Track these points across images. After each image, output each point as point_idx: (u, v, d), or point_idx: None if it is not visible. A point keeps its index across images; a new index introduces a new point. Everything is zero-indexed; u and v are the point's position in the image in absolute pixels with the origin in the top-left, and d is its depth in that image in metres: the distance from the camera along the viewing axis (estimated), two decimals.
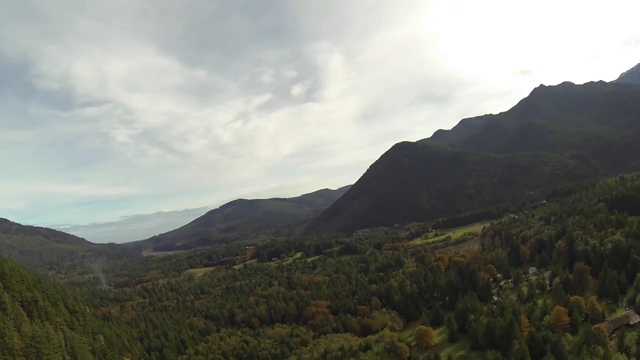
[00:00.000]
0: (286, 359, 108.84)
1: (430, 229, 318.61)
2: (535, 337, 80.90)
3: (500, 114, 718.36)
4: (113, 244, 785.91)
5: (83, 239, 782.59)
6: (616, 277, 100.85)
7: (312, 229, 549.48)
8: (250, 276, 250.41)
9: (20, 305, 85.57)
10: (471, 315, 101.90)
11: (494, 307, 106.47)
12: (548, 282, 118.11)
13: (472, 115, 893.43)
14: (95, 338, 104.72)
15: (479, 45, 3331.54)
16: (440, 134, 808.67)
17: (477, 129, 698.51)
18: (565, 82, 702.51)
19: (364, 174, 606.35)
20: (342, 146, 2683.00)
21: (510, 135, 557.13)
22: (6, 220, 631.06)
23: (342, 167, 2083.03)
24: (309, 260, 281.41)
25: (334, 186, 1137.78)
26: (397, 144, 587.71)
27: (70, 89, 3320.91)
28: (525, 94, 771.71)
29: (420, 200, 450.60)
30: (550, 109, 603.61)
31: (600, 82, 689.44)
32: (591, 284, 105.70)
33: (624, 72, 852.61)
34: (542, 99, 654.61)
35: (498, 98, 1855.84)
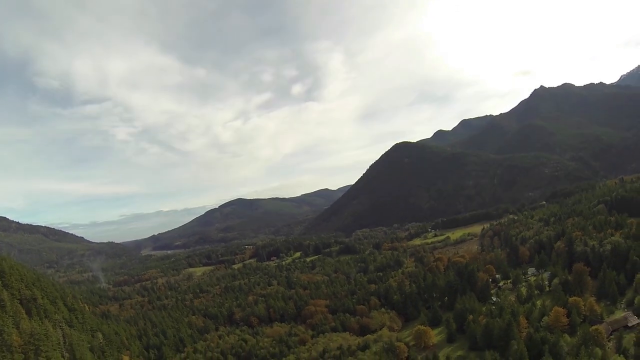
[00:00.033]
0: (284, 357, 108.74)
1: (429, 230, 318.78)
2: (533, 337, 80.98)
3: (501, 114, 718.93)
4: (112, 242, 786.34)
5: (82, 237, 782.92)
6: (615, 279, 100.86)
7: (311, 228, 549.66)
8: (249, 275, 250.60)
9: (19, 303, 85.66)
10: (470, 316, 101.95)
11: (493, 307, 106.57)
12: (547, 283, 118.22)
13: (472, 116, 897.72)
14: (93, 336, 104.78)
15: (479, 46, 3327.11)
16: (440, 134, 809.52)
17: (477, 130, 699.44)
18: (565, 83, 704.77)
19: (363, 174, 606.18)
20: (342, 146, 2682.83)
21: (510, 136, 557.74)
22: (5, 218, 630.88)
23: (341, 167, 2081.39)
24: (308, 259, 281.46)
25: (334, 186, 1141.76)
26: (397, 144, 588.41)
27: (70, 86, 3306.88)
28: (526, 95, 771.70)
29: (419, 201, 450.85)
30: (551, 110, 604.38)
31: (600, 83, 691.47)
32: (590, 286, 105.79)
33: (624, 73, 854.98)
34: (542, 100, 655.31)
35: (498, 99, 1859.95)
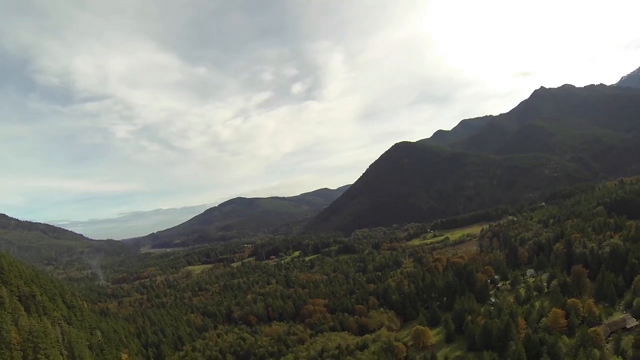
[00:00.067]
0: (283, 356, 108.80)
1: (428, 230, 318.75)
2: (532, 339, 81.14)
3: (501, 115, 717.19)
4: (111, 240, 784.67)
5: (81, 235, 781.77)
6: (614, 281, 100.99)
7: (310, 228, 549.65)
8: (248, 274, 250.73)
9: (18, 300, 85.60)
10: (468, 316, 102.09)
11: (491, 308, 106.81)
12: (545, 284, 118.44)
13: (472, 116, 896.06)
14: (92, 333, 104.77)
15: (479, 46, 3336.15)
16: (440, 134, 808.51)
17: (477, 130, 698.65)
18: (565, 84, 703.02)
19: (363, 174, 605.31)
20: (341, 145, 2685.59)
21: (510, 137, 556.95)
22: (5, 215, 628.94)
23: (341, 167, 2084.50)
24: (307, 259, 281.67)
25: (333, 185, 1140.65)
26: (397, 143, 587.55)
27: (70, 84, 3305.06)
28: (526, 95, 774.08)
29: (419, 201, 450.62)
30: (551, 111, 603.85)
31: (601, 85, 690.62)
32: (588, 287, 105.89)
33: (625, 75, 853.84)
34: (543, 101, 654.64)
35: (498, 99, 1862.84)
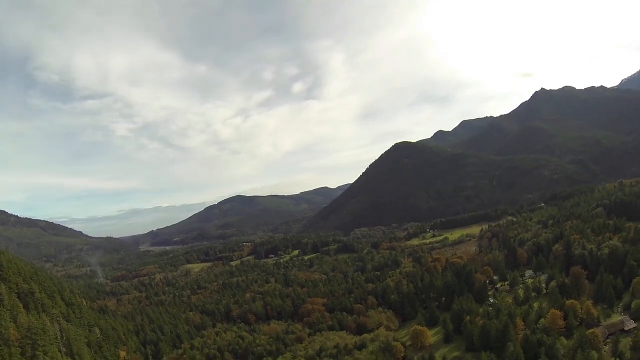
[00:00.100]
0: (281, 355, 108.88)
1: (428, 230, 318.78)
2: (530, 340, 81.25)
3: (501, 116, 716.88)
4: (110, 237, 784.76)
5: (81, 232, 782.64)
6: (612, 283, 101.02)
7: (310, 226, 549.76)
8: (247, 272, 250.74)
9: (17, 297, 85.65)
10: (467, 317, 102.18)
11: (490, 309, 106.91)
12: (544, 285, 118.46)
13: (473, 117, 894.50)
14: (91, 330, 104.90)
15: (480, 47, 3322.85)
16: (440, 134, 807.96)
17: (478, 131, 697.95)
18: (566, 86, 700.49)
19: (363, 173, 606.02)
20: (341, 144, 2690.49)
21: (511, 138, 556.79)
22: (4, 212, 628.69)
23: (341, 166, 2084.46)
24: (306, 258, 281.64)
25: (333, 184, 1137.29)
26: (397, 143, 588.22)
27: (71, 81, 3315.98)
28: (526, 96, 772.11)
29: (418, 201, 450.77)
30: (551, 112, 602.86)
31: (601, 87, 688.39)
32: (587, 289, 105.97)
33: (625, 78, 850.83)
34: (543, 103, 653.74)
35: (498, 100, 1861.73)
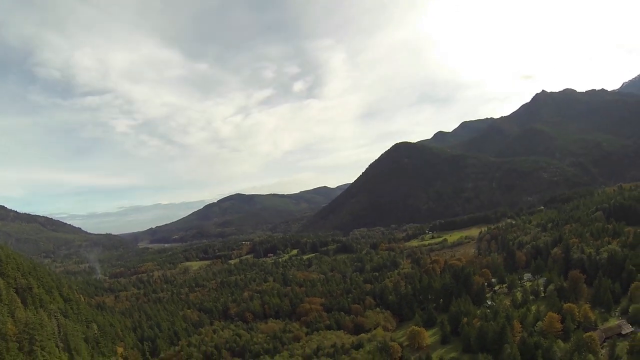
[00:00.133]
0: (278, 354, 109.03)
1: (427, 231, 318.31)
2: (527, 342, 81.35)
3: (501, 118, 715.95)
4: (109, 234, 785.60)
5: (80, 228, 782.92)
6: (610, 287, 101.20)
7: (309, 226, 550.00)
8: (246, 271, 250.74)
9: (15, 292, 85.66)
10: (464, 318, 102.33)
11: (488, 311, 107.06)
12: (542, 288, 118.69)
13: (473, 118, 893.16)
14: (88, 326, 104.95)
15: (480, 48, 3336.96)
16: (440, 135, 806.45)
17: (478, 132, 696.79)
18: (567, 89, 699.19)
19: (362, 173, 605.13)
20: (341, 144, 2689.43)
21: (511, 140, 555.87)
22: (4, 207, 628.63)
23: (341, 165, 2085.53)
24: (305, 257, 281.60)
25: (333, 184, 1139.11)
26: (397, 144, 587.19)
27: (71, 77, 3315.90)
28: (527, 99, 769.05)
29: (418, 202, 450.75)
30: (552, 115, 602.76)
31: (602, 90, 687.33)
32: (585, 293, 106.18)
33: (627, 81, 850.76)
34: (544, 105, 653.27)
35: (498, 102, 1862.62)
